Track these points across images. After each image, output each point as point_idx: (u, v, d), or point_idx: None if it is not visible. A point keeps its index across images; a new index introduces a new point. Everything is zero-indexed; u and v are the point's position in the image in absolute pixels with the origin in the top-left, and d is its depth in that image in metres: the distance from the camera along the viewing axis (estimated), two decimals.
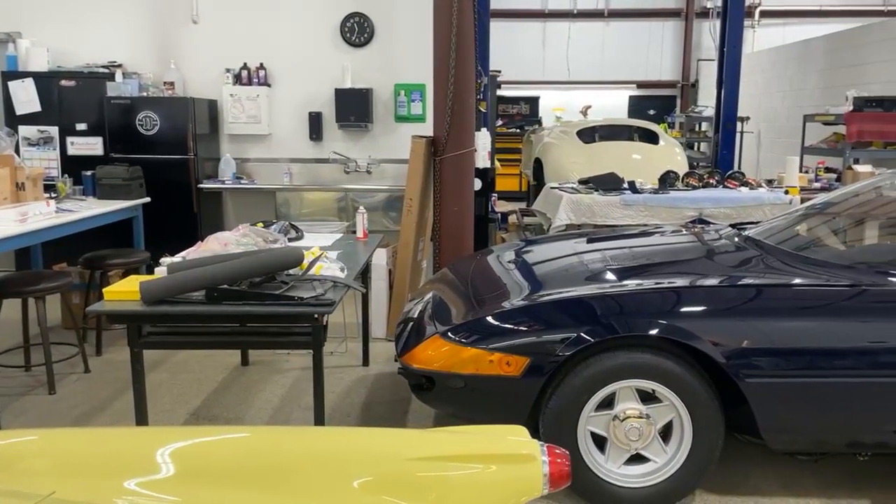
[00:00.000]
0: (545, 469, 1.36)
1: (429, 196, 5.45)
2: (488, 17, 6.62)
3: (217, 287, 2.91)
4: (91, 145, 6.58)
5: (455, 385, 2.97)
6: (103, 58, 6.79)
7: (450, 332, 3.04)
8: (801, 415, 2.85)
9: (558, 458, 1.38)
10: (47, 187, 5.44)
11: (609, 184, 6.25)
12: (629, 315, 2.89)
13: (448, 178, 5.21)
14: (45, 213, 4.76)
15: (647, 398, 2.93)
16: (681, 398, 2.87)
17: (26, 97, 6.49)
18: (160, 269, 3.19)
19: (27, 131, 6.53)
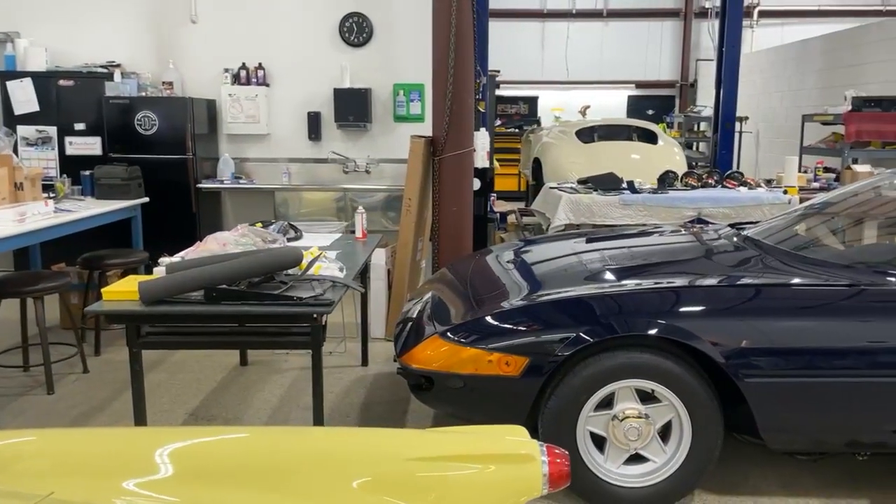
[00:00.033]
0: (545, 469, 1.36)
1: (428, 196, 5.44)
2: (487, 17, 6.62)
3: (216, 287, 2.91)
4: (89, 145, 6.58)
5: (454, 385, 2.97)
6: (102, 58, 6.79)
7: (449, 332, 3.04)
8: (801, 414, 2.85)
9: (558, 459, 1.38)
10: (46, 187, 5.44)
11: (608, 184, 6.26)
12: (628, 315, 2.89)
13: (447, 178, 5.21)
14: (43, 213, 4.76)
15: (647, 398, 2.93)
16: (680, 398, 2.87)
17: (24, 97, 6.49)
18: (159, 269, 3.19)
19: (25, 131, 6.52)
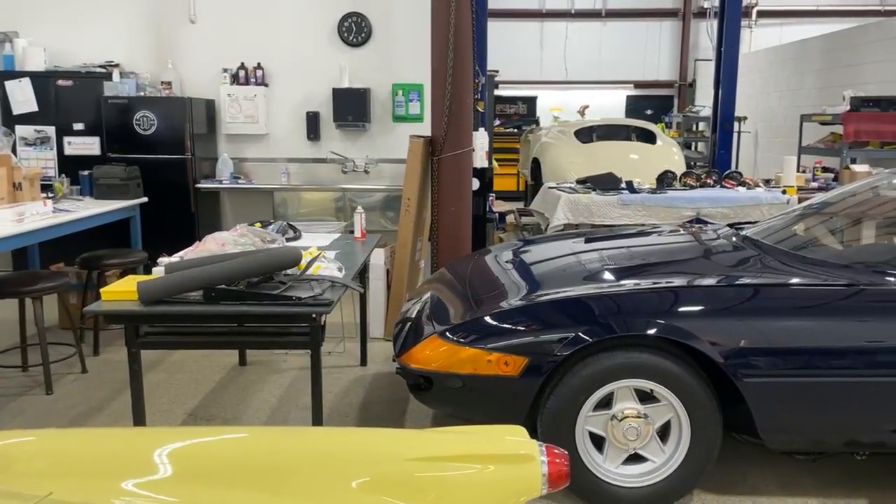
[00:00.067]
0: (544, 469, 1.36)
1: (427, 196, 5.44)
2: (486, 17, 6.63)
3: (215, 287, 2.91)
4: (88, 145, 6.57)
5: (453, 385, 2.97)
6: (100, 57, 6.78)
7: (448, 332, 3.04)
8: (799, 414, 2.85)
9: (557, 459, 1.38)
10: (44, 187, 5.44)
11: (607, 183, 6.26)
12: (627, 315, 2.89)
13: (446, 178, 5.21)
14: (42, 213, 4.76)
15: (645, 398, 2.93)
16: (679, 398, 2.88)
17: (23, 97, 6.48)
18: (158, 269, 3.18)
19: (24, 131, 6.51)
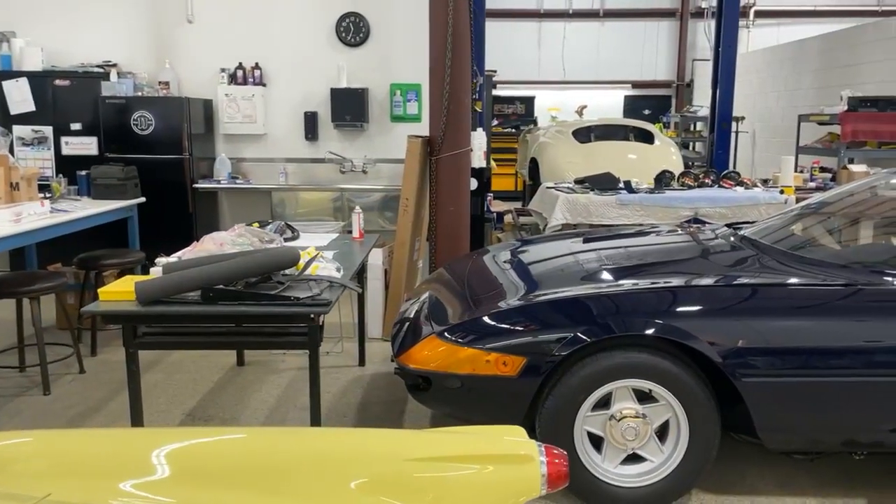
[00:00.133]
0: (543, 469, 1.36)
1: (425, 196, 5.44)
2: (484, 17, 6.63)
3: (213, 287, 2.91)
4: (86, 145, 6.56)
5: (452, 385, 2.97)
6: (98, 57, 6.78)
7: (446, 332, 3.03)
8: (798, 414, 2.85)
9: (556, 459, 1.38)
10: (42, 187, 5.43)
11: (605, 183, 6.26)
12: (625, 315, 2.89)
13: (444, 178, 5.20)
14: (39, 213, 4.75)
15: (644, 398, 2.93)
16: (677, 398, 2.88)
17: (20, 97, 6.47)
18: (155, 269, 3.18)
19: (21, 131, 6.50)
